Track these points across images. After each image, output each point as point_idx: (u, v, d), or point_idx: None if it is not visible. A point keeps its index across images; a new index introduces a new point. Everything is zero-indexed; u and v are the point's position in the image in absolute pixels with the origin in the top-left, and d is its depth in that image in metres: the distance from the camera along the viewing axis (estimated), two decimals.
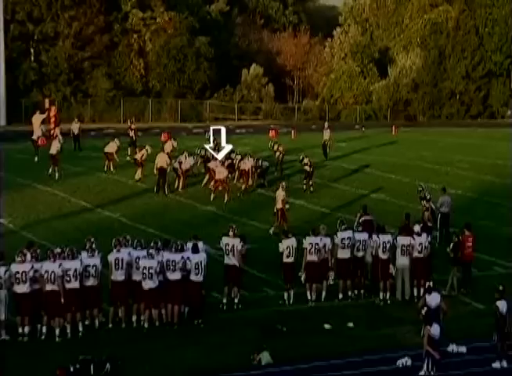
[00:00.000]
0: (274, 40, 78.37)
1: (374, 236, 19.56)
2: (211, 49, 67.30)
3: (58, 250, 17.23)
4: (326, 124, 42.29)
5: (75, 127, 42.38)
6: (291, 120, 67.80)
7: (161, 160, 30.89)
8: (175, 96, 65.46)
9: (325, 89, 73.92)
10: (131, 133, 39.82)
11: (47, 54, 61.78)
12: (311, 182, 31.37)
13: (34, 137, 38.94)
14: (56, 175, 33.09)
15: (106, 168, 35.03)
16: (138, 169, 32.97)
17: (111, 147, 35.27)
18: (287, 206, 25.42)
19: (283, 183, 26.17)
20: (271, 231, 24.91)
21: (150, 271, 17.14)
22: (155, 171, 31.02)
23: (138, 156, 33.24)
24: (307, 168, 31.71)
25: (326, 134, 40.71)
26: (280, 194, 25.20)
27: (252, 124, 62.00)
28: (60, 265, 16.69)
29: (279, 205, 25.09)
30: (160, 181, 30.86)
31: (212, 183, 30.46)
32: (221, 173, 29.97)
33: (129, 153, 38.02)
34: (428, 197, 24.69)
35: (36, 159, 37.06)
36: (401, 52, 75.31)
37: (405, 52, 74.65)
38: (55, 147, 33.65)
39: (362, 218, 21.99)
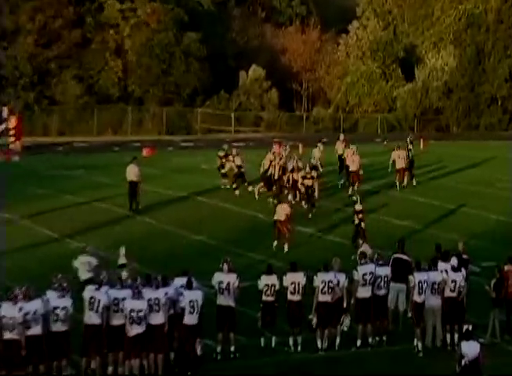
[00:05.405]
0: (278, 36, 78.79)
1: (410, 276, 19.58)
2: (203, 47, 67.63)
3: (17, 291, 17.15)
4: (342, 136, 42.34)
5: None
6: (298, 131, 67.98)
7: (131, 173, 32.27)
8: (160, 104, 65.68)
9: (339, 95, 74.25)
10: None
11: (4, 52, 62.08)
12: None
13: None
14: None
15: None
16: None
17: None
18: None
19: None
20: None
21: (139, 314, 17.00)
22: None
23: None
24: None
25: (340, 147, 40.66)
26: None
27: (252, 137, 62.16)
28: (21, 309, 16.55)
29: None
30: (129, 195, 32.24)
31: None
32: None
33: None
34: None
35: None
36: (431, 50, 75.69)
37: (436, 50, 75.04)
38: None
39: (395, 256, 21.61)
